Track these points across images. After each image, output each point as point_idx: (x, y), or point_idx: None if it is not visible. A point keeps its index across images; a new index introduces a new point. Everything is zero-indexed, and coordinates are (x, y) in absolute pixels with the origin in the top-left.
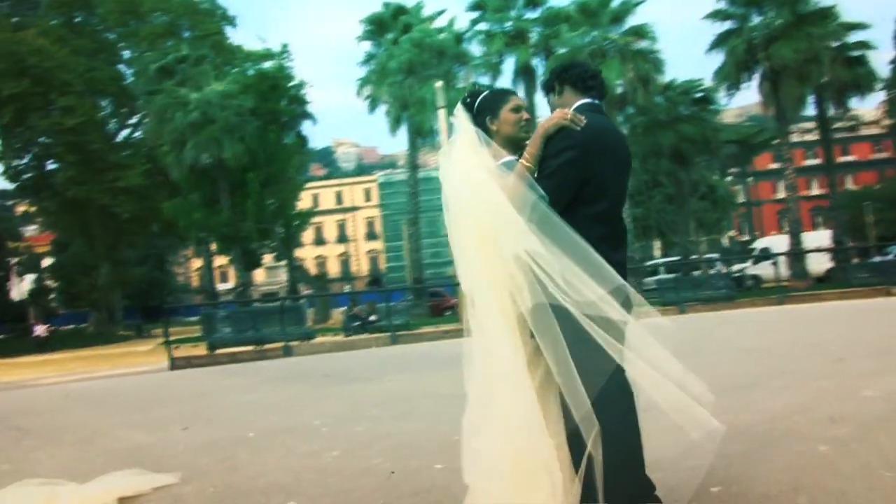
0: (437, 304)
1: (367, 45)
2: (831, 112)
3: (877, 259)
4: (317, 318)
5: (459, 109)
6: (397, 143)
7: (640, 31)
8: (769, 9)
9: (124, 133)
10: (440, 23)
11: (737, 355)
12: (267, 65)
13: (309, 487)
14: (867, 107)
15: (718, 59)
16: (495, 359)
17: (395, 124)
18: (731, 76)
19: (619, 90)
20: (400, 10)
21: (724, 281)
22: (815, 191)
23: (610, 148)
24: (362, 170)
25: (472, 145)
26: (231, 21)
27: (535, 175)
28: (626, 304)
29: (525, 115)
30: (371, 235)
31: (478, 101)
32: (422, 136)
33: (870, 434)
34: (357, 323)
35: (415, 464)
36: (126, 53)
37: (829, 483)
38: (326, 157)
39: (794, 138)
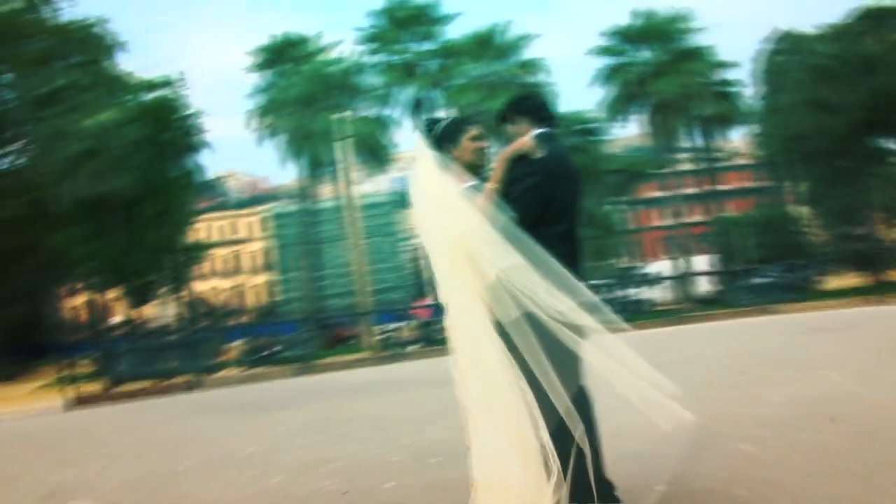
0: (336, 335)
1: (258, 76)
2: (709, 143)
3: (755, 280)
4: (209, 352)
5: (419, 136)
6: (289, 174)
7: (532, 65)
8: (651, 46)
9: (5, 161)
10: (335, 54)
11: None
12: (161, 93)
13: None
14: (737, 138)
15: (602, 92)
16: (484, 367)
17: (290, 155)
18: (617, 109)
19: None
20: (292, 42)
21: (619, 305)
22: (694, 218)
23: (567, 174)
24: (253, 201)
25: (437, 170)
26: (121, 47)
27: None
28: (595, 314)
29: (484, 144)
30: (263, 267)
31: (438, 128)
32: (318, 166)
33: (784, 433)
34: (258, 355)
35: (364, 483)
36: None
37: (759, 474)
38: (216, 188)
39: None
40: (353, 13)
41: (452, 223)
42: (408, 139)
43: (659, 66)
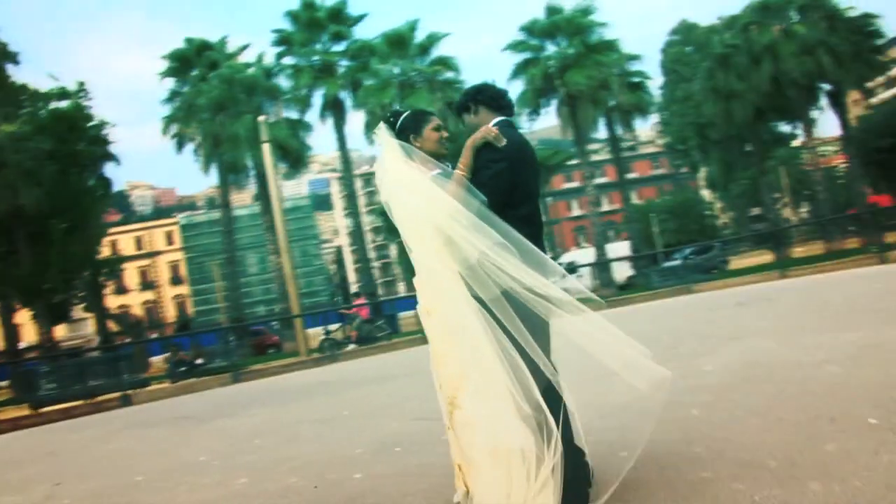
0: (259, 342)
1: (169, 82)
2: (620, 133)
3: (668, 264)
4: (136, 367)
5: (382, 127)
6: (196, 184)
7: (445, 63)
8: (562, 39)
9: None
10: (247, 58)
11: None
12: (63, 104)
13: None
14: (646, 127)
15: (519, 86)
16: (472, 341)
17: (206, 162)
18: (531, 102)
19: None
20: (204, 46)
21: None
22: (606, 206)
23: (529, 159)
24: (160, 213)
25: (403, 158)
26: (12, 58)
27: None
28: (567, 289)
29: (444, 134)
30: (176, 280)
31: (400, 120)
32: (236, 172)
33: (725, 396)
34: (183, 368)
35: (333, 477)
36: None
37: (711, 433)
38: (121, 200)
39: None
40: (258, 17)
41: (430, 208)
42: (324, 141)
43: (570, 59)
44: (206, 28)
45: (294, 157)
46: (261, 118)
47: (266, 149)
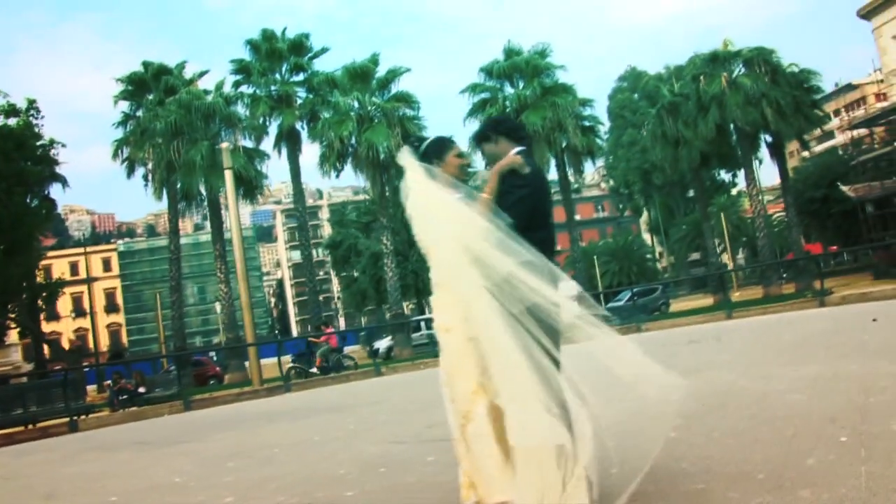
0: (200, 373)
1: (123, 105)
2: (568, 175)
3: (613, 304)
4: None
5: (406, 150)
6: (136, 211)
7: (405, 98)
8: (520, 80)
9: None
10: (204, 84)
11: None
12: (11, 121)
13: None
14: (591, 170)
15: (476, 125)
16: (498, 350)
17: (159, 188)
18: None
19: (384, 154)
20: (161, 71)
21: None
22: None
23: (546, 187)
24: (97, 238)
25: (428, 180)
26: None
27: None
28: (586, 306)
29: (466, 161)
30: (111, 307)
31: (424, 145)
32: (188, 199)
33: (698, 421)
34: (125, 396)
35: (322, 495)
36: None
37: (692, 452)
38: (57, 224)
39: None
40: (215, 44)
41: (460, 227)
42: (273, 172)
43: (527, 100)
44: (161, 53)
45: (249, 186)
46: (223, 145)
47: (228, 176)
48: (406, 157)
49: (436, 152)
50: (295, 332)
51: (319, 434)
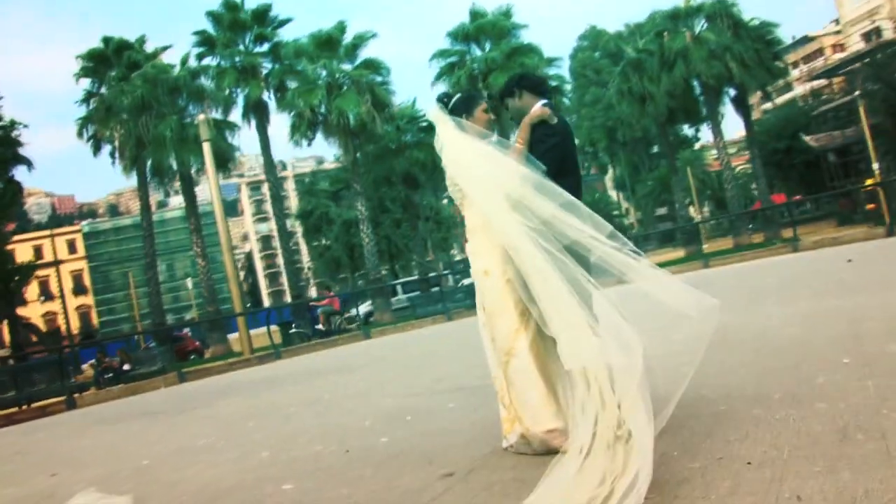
0: (181, 348)
1: (85, 83)
2: None
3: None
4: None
5: (435, 106)
6: (96, 190)
7: (373, 65)
8: (487, 42)
9: None
10: (168, 58)
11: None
12: None
13: (284, 476)
14: None
15: (444, 89)
16: (544, 281)
17: (130, 165)
18: None
19: (354, 121)
20: (123, 46)
21: (462, 293)
22: None
23: (572, 136)
24: (58, 221)
25: (459, 131)
26: None
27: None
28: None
29: (492, 116)
30: (79, 289)
31: (453, 101)
32: (160, 175)
33: (708, 355)
34: (110, 374)
35: (357, 443)
36: None
37: (711, 381)
38: (29, 207)
39: None
40: (171, 19)
41: (501, 173)
42: (245, 144)
43: (494, 63)
44: (106, 29)
45: (221, 158)
46: (201, 117)
47: (206, 148)
48: (436, 113)
49: (465, 107)
50: (266, 304)
51: (329, 393)
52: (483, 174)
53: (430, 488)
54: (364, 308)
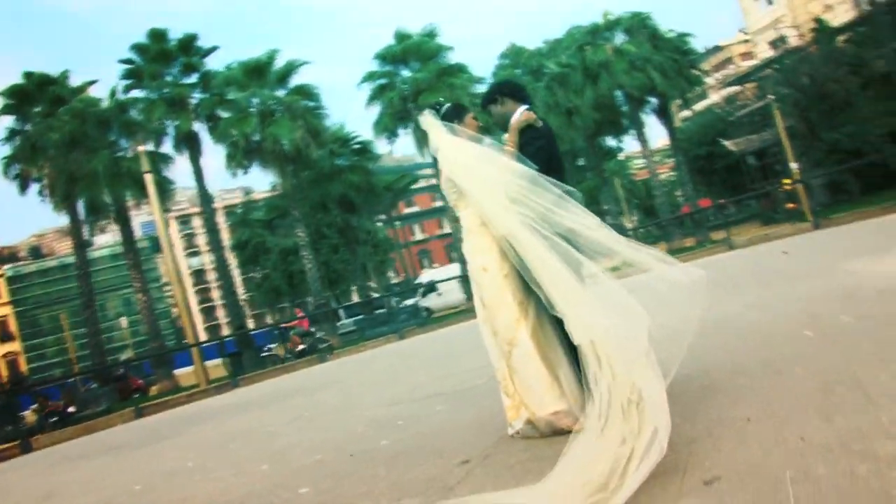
0: (124, 387)
1: (8, 120)
2: None
3: None
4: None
5: (427, 113)
6: (14, 233)
7: (304, 91)
8: (415, 64)
9: None
10: (94, 92)
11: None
12: None
13: (295, 482)
14: None
15: (377, 111)
16: (550, 268)
17: (61, 202)
18: (388, 126)
19: (289, 146)
20: (45, 81)
21: (405, 314)
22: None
23: (554, 137)
24: None
25: (456, 136)
26: None
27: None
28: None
29: (479, 123)
30: (5, 336)
31: (444, 109)
32: (95, 211)
33: (676, 342)
34: (55, 418)
35: (358, 448)
36: None
37: (686, 363)
38: None
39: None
40: (93, 52)
41: (497, 170)
42: (182, 175)
43: (423, 83)
44: (26, 64)
45: (158, 191)
46: (140, 148)
47: (149, 179)
48: (428, 119)
49: (456, 114)
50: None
51: (307, 411)
52: (481, 171)
53: (450, 475)
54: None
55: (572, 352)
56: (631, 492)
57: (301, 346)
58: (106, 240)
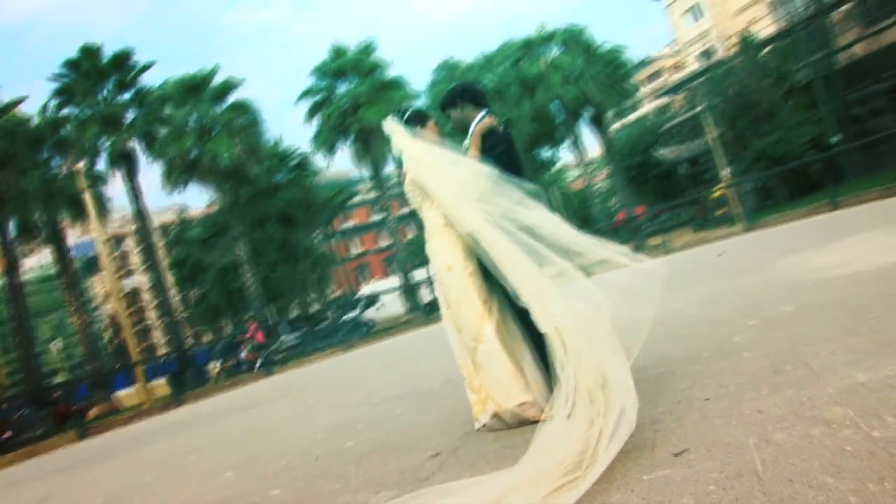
0: (58, 412)
1: None
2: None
3: None
4: None
5: (390, 118)
6: None
7: (241, 107)
8: (353, 78)
9: None
10: (23, 110)
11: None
12: None
13: (265, 486)
14: None
15: (314, 125)
16: (514, 261)
17: None
18: (327, 140)
19: (227, 163)
20: None
21: (347, 327)
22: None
23: (514, 140)
24: None
25: (414, 139)
26: None
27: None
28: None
29: (438, 129)
30: None
31: (407, 114)
32: (28, 232)
33: (626, 335)
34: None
35: (324, 452)
36: None
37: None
38: None
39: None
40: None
41: (462, 171)
42: (113, 194)
43: (362, 98)
44: None
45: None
46: (78, 166)
47: (88, 197)
48: (392, 124)
49: (418, 120)
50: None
51: (262, 421)
52: (446, 171)
53: (423, 468)
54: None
55: (535, 346)
56: (603, 468)
57: (256, 359)
58: (31, 263)
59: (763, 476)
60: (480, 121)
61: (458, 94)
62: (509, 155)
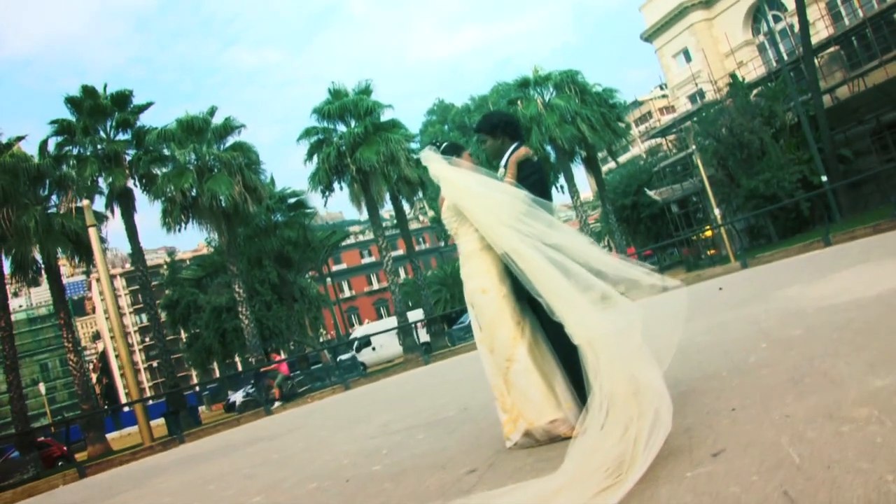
0: (47, 455)
1: None
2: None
3: (457, 326)
4: None
5: (428, 149)
6: None
7: (241, 148)
8: (351, 119)
9: None
10: (25, 148)
11: (429, 399)
12: None
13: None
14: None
15: (313, 165)
16: (550, 277)
17: None
18: (325, 179)
19: (226, 202)
20: None
21: (342, 368)
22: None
23: (545, 171)
24: None
25: (454, 168)
26: None
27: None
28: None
29: (474, 160)
30: None
31: (443, 146)
32: (24, 269)
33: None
34: None
35: (352, 475)
36: None
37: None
38: None
39: (362, 237)
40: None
41: (500, 195)
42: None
43: (360, 138)
44: None
45: (90, 249)
46: (84, 203)
47: (93, 233)
48: (428, 153)
49: (454, 150)
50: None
51: (277, 454)
52: (483, 194)
53: (463, 481)
54: (240, 395)
55: (566, 367)
56: (643, 470)
57: (277, 393)
58: (18, 303)
59: (801, 466)
60: (515, 150)
61: (498, 126)
62: (542, 183)
